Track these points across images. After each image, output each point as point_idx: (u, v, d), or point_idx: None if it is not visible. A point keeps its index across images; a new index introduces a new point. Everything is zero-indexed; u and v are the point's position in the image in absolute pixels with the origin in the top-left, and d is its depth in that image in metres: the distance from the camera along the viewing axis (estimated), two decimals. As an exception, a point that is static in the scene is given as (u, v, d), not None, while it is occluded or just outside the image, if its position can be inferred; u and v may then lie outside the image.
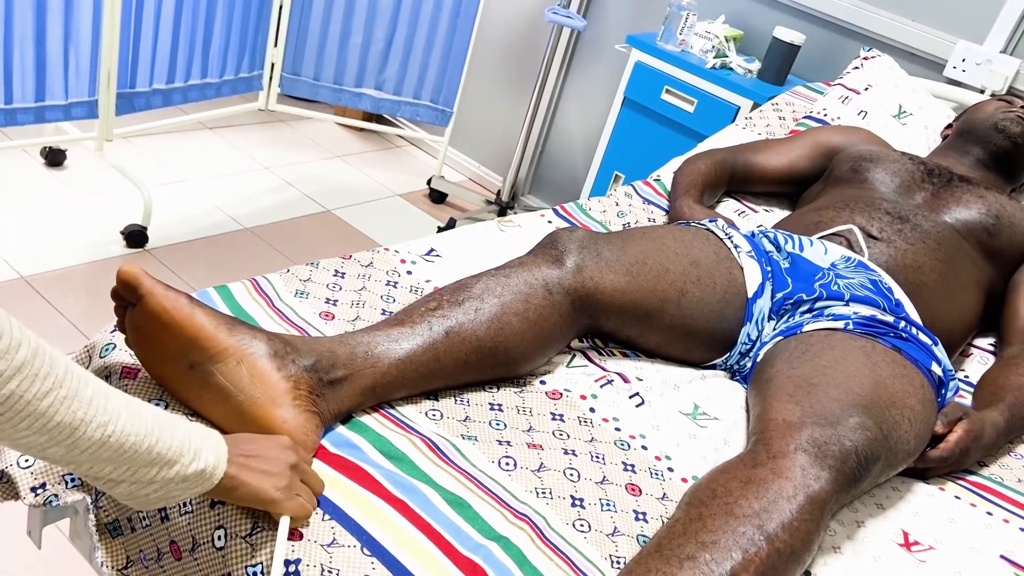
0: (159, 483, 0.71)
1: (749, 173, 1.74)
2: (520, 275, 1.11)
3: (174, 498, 0.73)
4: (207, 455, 0.74)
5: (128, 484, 0.70)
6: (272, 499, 0.78)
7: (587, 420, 1.09)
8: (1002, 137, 1.61)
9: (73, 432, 0.64)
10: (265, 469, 0.78)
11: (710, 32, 2.34)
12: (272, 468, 0.79)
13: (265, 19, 2.56)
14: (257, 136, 3.08)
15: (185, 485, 0.73)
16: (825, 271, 1.30)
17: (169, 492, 0.72)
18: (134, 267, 0.86)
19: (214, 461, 0.74)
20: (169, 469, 0.71)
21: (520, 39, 3.00)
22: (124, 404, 0.67)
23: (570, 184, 2.99)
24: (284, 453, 0.81)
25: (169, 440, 0.70)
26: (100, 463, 0.67)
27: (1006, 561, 1.04)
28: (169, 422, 0.72)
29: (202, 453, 0.73)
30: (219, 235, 2.44)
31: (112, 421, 0.66)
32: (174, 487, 0.72)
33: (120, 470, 0.68)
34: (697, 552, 0.84)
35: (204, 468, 0.73)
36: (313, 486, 0.84)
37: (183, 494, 0.73)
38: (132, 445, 0.67)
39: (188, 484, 0.73)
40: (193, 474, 0.72)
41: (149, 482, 0.71)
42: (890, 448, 1.02)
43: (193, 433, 0.74)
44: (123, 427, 0.66)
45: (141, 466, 0.69)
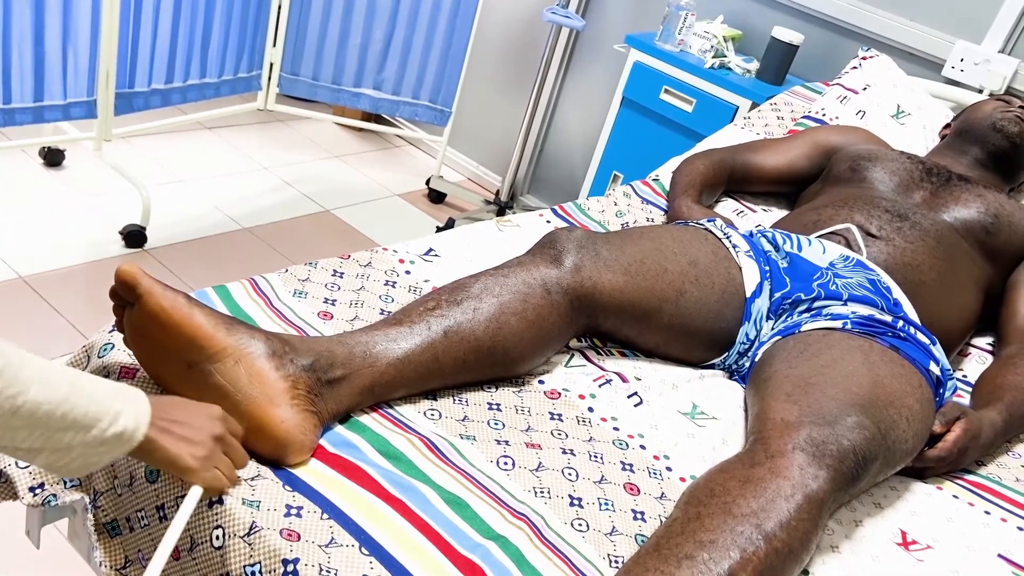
0: (78, 448, 0.71)
1: (748, 173, 1.74)
2: (519, 275, 1.11)
3: (95, 464, 0.73)
4: (126, 418, 0.73)
5: (48, 453, 0.70)
6: (187, 467, 0.78)
7: (585, 420, 1.09)
8: (1000, 137, 1.61)
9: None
10: (186, 436, 0.78)
11: (709, 32, 2.34)
12: (193, 436, 0.78)
13: (264, 19, 2.55)
14: (256, 136, 3.08)
15: (104, 449, 0.72)
16: (823, 270, 1.30)
17: (89, 458, 0.72)
18: (132, 267, 0.86)
19: (133, 424, 0.73)
20: (86, 433, 0.70)
21: (519, 39, 3.00)
22: (37, 374, 0.67)
23: (569, 184, 2.99)
24: (210, 422, 0.80)
25: (86, 405, 0.70)
26: (12, 431, 0.67)
27: (1004, 560, 1.04)
28: (87, 387, 0.71)
29: (121, 416, 0.72)
30: (218, 235, 2.44)
31: (23, 392, 0.65)
32: (92, 452, 0.72)
33: (34, 437, 0.68)
34: (695, 551, 0.84)
35: (123, 431, 0.73)
36: (236, 460, 0.83)
37: (104, 458, 0.73)
38: (45, 414, 0.67)
39: (107, 448, 0.72)
40: (111, 437, 0.72)
41: (67, 448, 0.70)
42: (888, 447, 1.02)
43: (114, 396, 0.73)
44: (34, 396, 0.66)
45: (55, 432, 0.69)
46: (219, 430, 0.81)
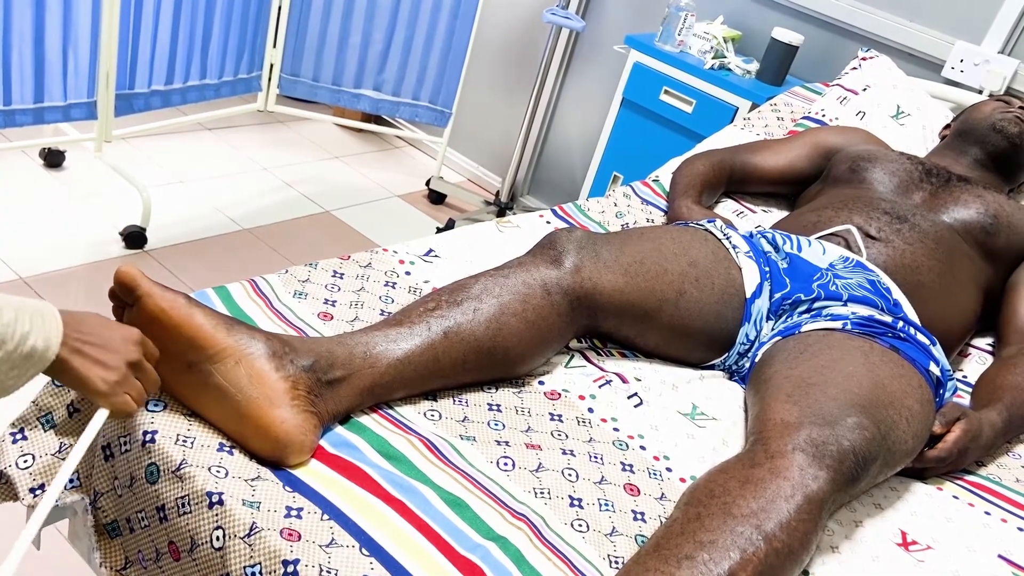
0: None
1: (747, 174, 1.74)
2: (519, 275, 1.11)
3: (11, 386, 0.71)
4: (35, 337, 0.71)
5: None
6: (97, 390, 0.77)
7: (585, 420, 1.09)
8: (1000, 137, 1.61)
9: None
10: (98, 358, 0.77)
11: (708, 33, 2.34)
12: (107, 359, 0.77)
13: (264, 20, 2.56)
14: (256, 137, 3.08)
15: (16, 372, 0.71)
16: (823, 271, 1.30)
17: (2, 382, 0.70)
18: (132, 268, 0.86)
19: (43, 343, 0.72)
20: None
21: (519, 40, 3.00)
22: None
23: (569, 185, 2.99)
24: (125, 346, 0.79)
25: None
26: None
27: (1004, 560, 1.04)
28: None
29: (29, 336, 0.71)
30: (218, 236, 2.44)
31: None
32: (4, 374, 0.70)
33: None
34: (695, 552, 0.84)
35: (32, 351, 0.71)
36: (147, 384, 0.83)
37: (19, 380, 0.72)
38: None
39: (19, 370, 0.71)
40: (21, 357, 0.70)
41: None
42: (888, 448, 1.02)
43: (21, 315, 0.71)
44: None
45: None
46: (134, 355, 0.80)
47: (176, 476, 0.86)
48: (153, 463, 0.88)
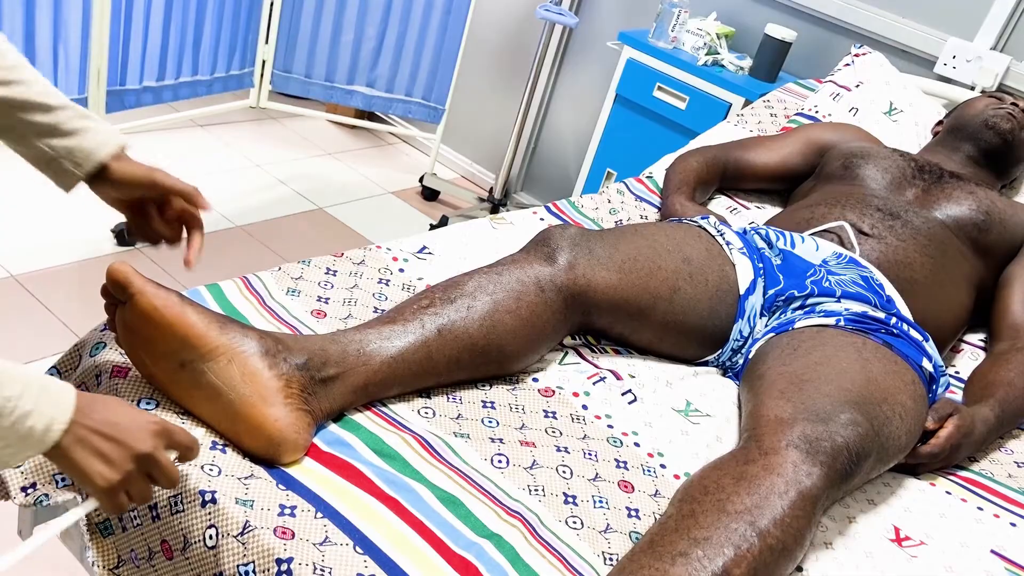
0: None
1: (741, 170, 1.74)
2: (512, 272, 1.10)
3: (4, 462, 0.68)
4: (37, 418, 0.67)
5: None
6: (93, 486, 0.72)
7: (580, 417, 1.09)
8: (992, 134, 1.61)
9: None
10: (103, 451, 0.71)
11: (702, 29, 2.34)
12: (112, 454, 0.72)
13: (256, 16, 2.54)
14: (248, 133, 3.07)
15: (11, 450, 0.67)
16: (817, 268, 1.31)
17: None
18: (124, 265, 0.86)
19: (44, 425, 0.68)
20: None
21: (512, 36, 3.00)
22: None
23: (562, 181, 2.99)
24: (140, 439, 0.73)
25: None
26: None
27: (997, 556, 1.05)
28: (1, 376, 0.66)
29: (31, 415, 0.67)
30: (210, 233, 2.43)
31: None
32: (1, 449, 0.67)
33: None
34: (689, 548, 0.84)
35: (31, 431, 0.67)
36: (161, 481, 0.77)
37: (12, 458, 0.68)
38: None
39: (15, 448, 0.67)
40: (17, 436, 0.67)
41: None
42: (881, 444, 1.02)
43: (28, 391, 0.67)
44: None
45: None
46: (147, 447, 0.74)
47: (169, 475, 0.86)
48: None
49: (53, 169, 0.90)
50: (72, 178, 0.91)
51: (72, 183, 0.92)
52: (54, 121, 0.88)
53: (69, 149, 0.89)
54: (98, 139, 0.90)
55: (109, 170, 0.91)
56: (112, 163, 0.91)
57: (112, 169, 0.91)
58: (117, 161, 0.92)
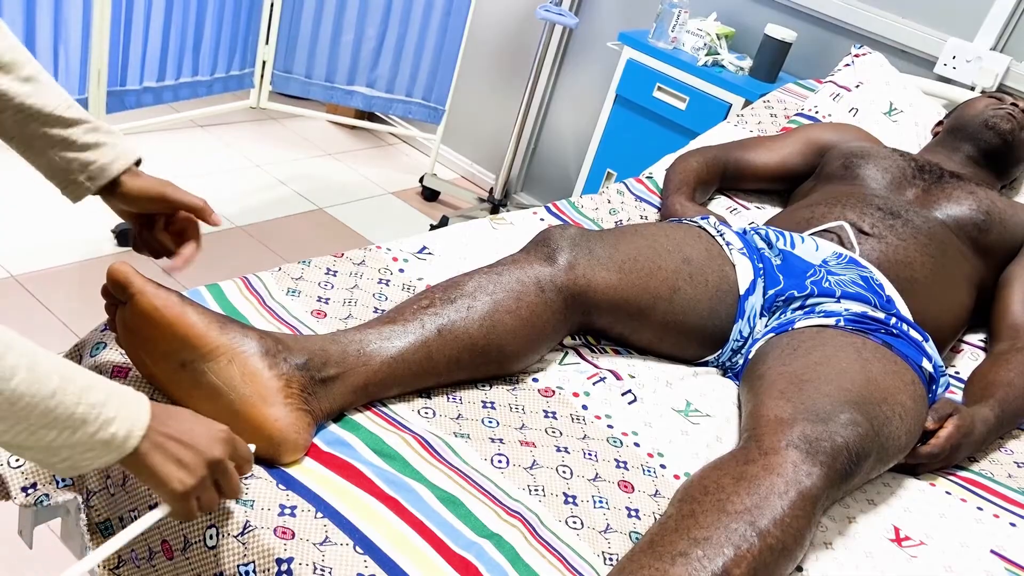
0: (66, 450, 0.67)
1: (741, 170, 1.74)
2: (512, 273, 1.10)
3: (85, 466, 0.70)
4: (118, 425, 0.69)
5: (36, 451, 0.67)
6: (170, 491, 0.73)
7: (579, 417, 1.09)
8: (992, 134, 1.61)
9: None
10: (179, 458, 0.73)
11: (702, 29, 2.34)
12: (188, 459, 0.74)
13: (256, 17, 2.55)
14: (249, 134, 3.07)
15: (92, 455, 0.69)
16: (816, 268, 1.31)
17: (76, 460, 0.69)
18: (124, 265, 0.86)
19: (125, 432, 0.70)
20: (71, 435, 0.67)
21: (512, 36, 3.00)
22: (26, 364, 0.63)
23: (562, 181, 2.99)
24: (211, 446, 0.75)
25: (73, 405, 0.66)
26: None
27: (996, 556, 1.05)
28: (80, 387, 0.67)
29: (113, 422, 0.69)
30: (210, 233, 2.44)
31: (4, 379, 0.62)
32: (80, 455, 0.68)
33: (17, 431, 0.64)
34: (689, 548, 0.84)
35: (112, 438, 0.69)
36: (227, 490, 0.78)
37: (94, 462, 0.70)
38: (25, 406, 0.64)
39: (96, 453, 0.69)
40: (100, 443, 0.68)
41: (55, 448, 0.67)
42: (881, 444, 1.02)
43: (110, 400, 0.69)
44: (15, 387, 0.63)
45: (39, 428, 0.65)
46: (218, 454, 0.76)
47: (169, 475, 0.86)
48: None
49: (64, 181, 0.90)
50: (83, 191, 0.91)
51: (82, 196, 0.92)
52: (70, 135, 0.87)
53: (83, 163, 0.89)
54: (113, 154, 0.90)
55: (121, 184, 0.92)
56: (125, 178, 0.91)
57: (124, 184, 0.92)
58: (130, 176, 0.92)
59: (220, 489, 0.78)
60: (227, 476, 0.78)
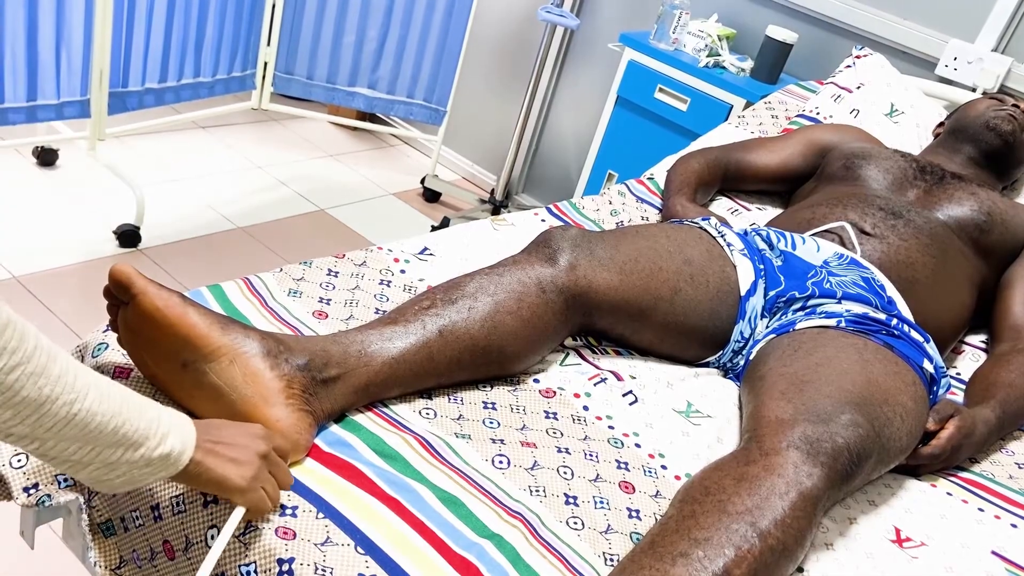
0: (124, 466, 0.70)
1: (742, 171, 1.74)
2: (513, 273, 1.11)
3: (139, 482, 0.72)
4: (173, 439, 0.72)
5: (94, 468, 0.69)
6: (236, 487, 0.77)
7: (580, 418, 1.09)
8: (993, 135, 1.61)
9: (39, 408, 0.63)
10: (233, 457, 0.77)
11: (703, 31, 2.34)
12: (240, 456, 0.77)
13: (258, 18, 2.55)
14: (250, 135, 3.08)
15: (150, 470, 0.72)
16: (818, 269, 1.31)
17: (134, 476, 0.71)
18: (126, 266, 0.86)
19: (180, 446, 0.73)
20: (134, 452, 0.70)
21: (513, 38, 3.00)
22: (93, 383, 0.67)
23: (563, 183, 2.99)
24: (254, 441, 0.79)
25: (136, 422, 0.69)
26: (65, 442, 0.66)
27: (997, 557, 1.05)
28: (137, 404, 0.71)
29: (168, 437, 0.72)
30: (212, 234, 2.44)
31: (79, 399, 0.65)
32: (138, 471, 0.71)
33: (85, 450, 0.67)
34: (690, 549, 0.84)
35: (170, 452, 0.72)
36: (281, 479, 0.82)
37: (148, 478, 0.72)
38: (98, 425, 0.66)
39: (153, 468, 0.72)
40: (158, 458, 0.71)
41: (114, 464, 0.69)
42: (882, 445, 1.02)
43: (162, 416, 0.73)
44: (89, 406, 0.66)
45: (106, 447, 0.68)
46: (263, 448, 0.79)
47: (171, 475, 0.86)
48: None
49: None
50: None
51: None
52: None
53: None
54: None
55: None
56: None
57: None
58: None
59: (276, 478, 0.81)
60: (278, 466, 0.82)
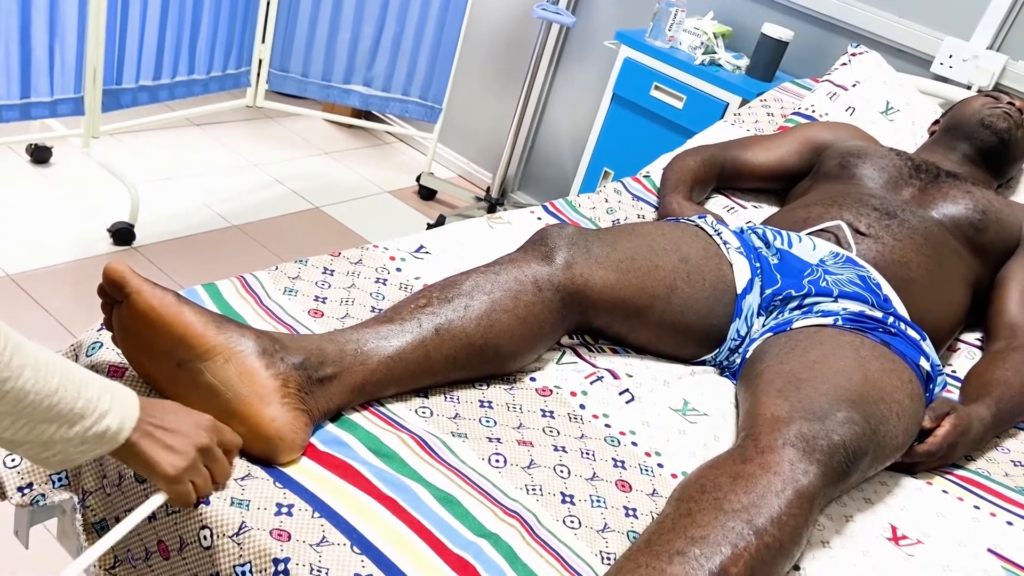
0: (60, 444, 0.70)
1: (738, 169, 1.74)
2: (510, 272, 1.10)
3: (76, 460, 0.72)
4: (111, 418, 0.72)
5: (30, 445, 0.69)
6: (164, 475, 0.76)
7: (577, 417, 1.09)
8: (988, 133, 1.61)
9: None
10: (170, 444, 0.76)
11: (699, 28, 2.34)
12: (177, 444, 0.76)
13: (253, 15, 2.54)
14: (245, 133, 3.07)
15: (85, 447, 0.71)
16: (814, 267, 1.31)
17: (70, 454, 0.71)
18: (120, 265, 0.86)
19: (118, 424, 0.72)
20: (69, 429, 0.69)
21: (509, 35, 3.00)
22: (31, 362, 0.66)
23: (560, 181, 2.99)
24: (197, 432, 0.78)
25: (73, 400, 0.69)
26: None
27: (993, 554, 1.05)
28: (79, 381, 0.70)
29: (107, 415, 0.72)
30: (207, 232, 2.43)
31: (13, 377, 0.65)
32: (74, 448, 0.71)
33: (17, 426, 0.67)
34: (686, 547, 0.84)
35: (106, 430, 0.72)
36: (217, 475, 0.81)
37: (85, 455, 0.72)
38: (31, 402, 0.66)
39: (89, 446, 0.72)
40: (93, 436, 0.71)
41: (48, 442, 0.69)
42: (878, 442, 1.02)
43: (103, 394, 0.72)
44: (23, 384, 0.65)
45: (39, 423, 0.68)
46: (205, 441, 0.78)
47: (166, 474, 0.85)
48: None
49: None
50: None
51: None
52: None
53: None
54: None
55: None
56: None
57: None
58: None
59: (212, 474, 0.80)
60: (216, 460, 0.80)
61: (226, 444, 0.82)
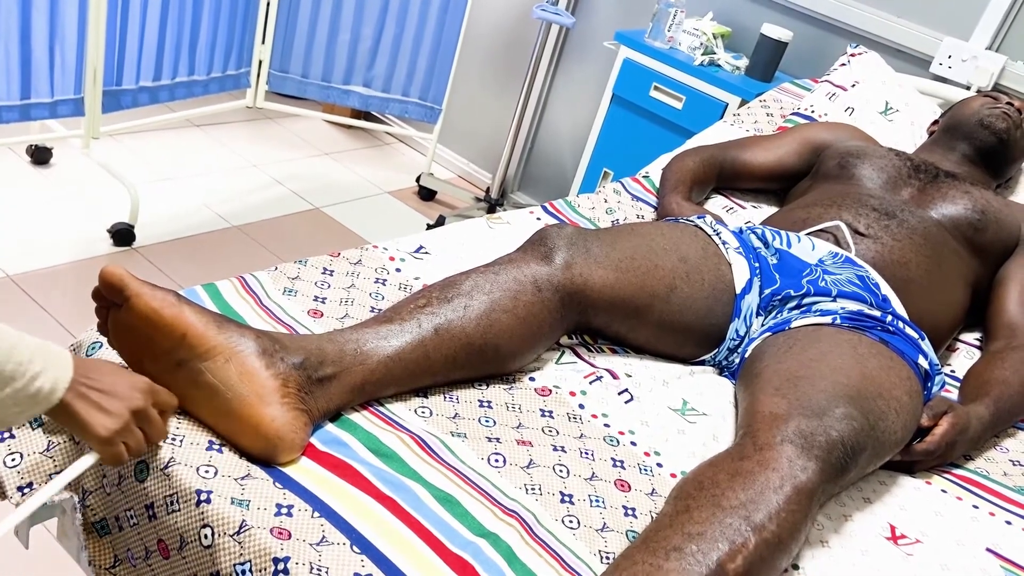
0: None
1: (737, 170, 1.74)
2: (509, 272, 1.11)
3: (10, 421, 0.73)
4: (44, 379, 0.73)
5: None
6: (96, 436, 0.77)
7: (576, 416, 1.09)
8: (988, 133, 1.61)
9: None
10: (102, 405, 0.77)
11: (698, 29, 2.35)
12: (111, 406, 0.78)
13: (252, 16, 2.54)
14: (245, 133, 3.07)
15: (18, 409, 0.72)
16: (813, 267, 1.31)
17: (3, 416, 0.72)
18: (118, 268, 0.86)
19: (50, 385, 0.73)
20: (1, 390, 0.70)
21: (509, 36, 3.00)
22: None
23: (559, 181, 2.99)
24: (132, 394, 0.79)
25: (3, 362, 0.69)
26: None
27: (992, 554, 1.05)
28: (10, 343, 0.70)
29: (40, 376, 0.72)
30: (207, 233, 2.43)
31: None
32: (7, 410, 0.71)
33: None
34: (684, 543, 0.84)
35: (39, 391, 0.72)
36: (151, 435, 0.82)
37: (19, 417, 0.73)
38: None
39: (22, 408, 0.72)
40: (26, 397, 0.72)
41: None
42: (876, 438, 1.02)
43: (36, 355, 0.72)
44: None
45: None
46: (139, 403, 0.80)
47: (164, 474, 0.86)
48: (142, 461, 0.88)
49: None
50: None
51: None
52: None
53: None
54: None
55: None
56: None
57: None
58: None
59: (146, 435, 0.82)
60: (151, 422, 0.82)
61: (162, 405, 0.84)
